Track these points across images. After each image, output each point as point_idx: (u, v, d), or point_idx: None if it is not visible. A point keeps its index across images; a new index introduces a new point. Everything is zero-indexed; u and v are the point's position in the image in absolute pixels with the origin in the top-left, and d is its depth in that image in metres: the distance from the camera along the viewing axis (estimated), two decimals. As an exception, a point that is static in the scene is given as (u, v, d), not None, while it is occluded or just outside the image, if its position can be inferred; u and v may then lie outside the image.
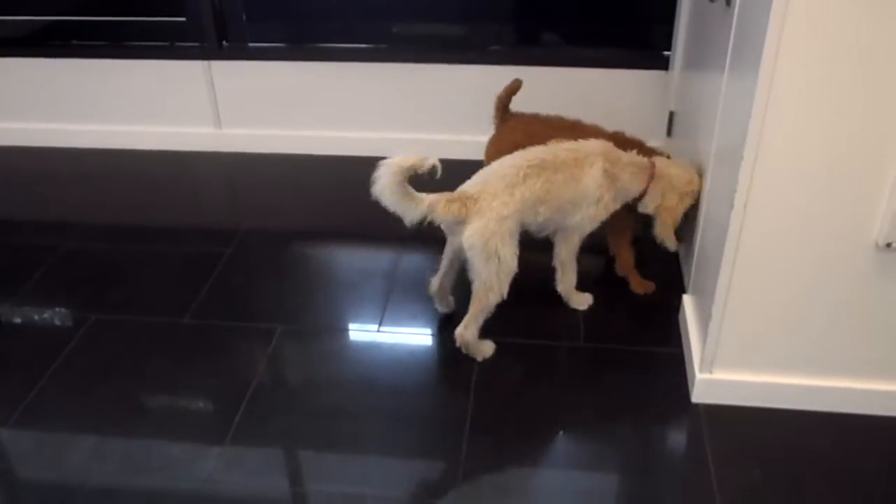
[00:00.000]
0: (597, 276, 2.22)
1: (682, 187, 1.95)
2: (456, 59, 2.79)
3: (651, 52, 2.72)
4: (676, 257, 2.25)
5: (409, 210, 1.74)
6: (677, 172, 1.97)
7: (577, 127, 2.11)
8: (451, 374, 1.93)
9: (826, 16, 1.34)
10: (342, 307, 2.19)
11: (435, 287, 2.03)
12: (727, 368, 1.76)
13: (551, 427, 1.77)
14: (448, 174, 1.72)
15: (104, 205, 2.75)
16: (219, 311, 2.14)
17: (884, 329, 1.65)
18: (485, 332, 1.92)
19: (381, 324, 2.09)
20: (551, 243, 2.04)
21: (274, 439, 1.74)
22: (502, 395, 1.85)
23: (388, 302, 2.17)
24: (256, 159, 3.00)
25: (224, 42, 2.90)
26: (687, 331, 1.91)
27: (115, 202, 2.76)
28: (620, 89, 2.74)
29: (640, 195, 1.97)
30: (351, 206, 2.65)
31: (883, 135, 1.43)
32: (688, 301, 1.98)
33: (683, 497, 1.60)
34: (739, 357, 1.73)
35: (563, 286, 2.08)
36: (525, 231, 1.94)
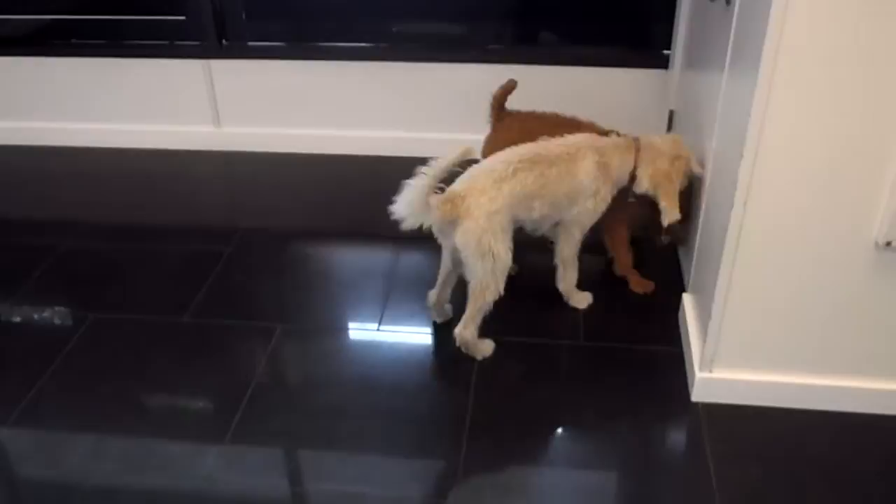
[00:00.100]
0: (597, 276, 2.22)
1: (670, 150, 1.95)
2: (456, 58, 2.79)
3: (651, 51, 2.72)
4: (676, 257, 2.25)
5: (423, 217, 1.74)
6: (660, 140, 1.99)
7: (573, 124, 2.11)
8: (450, 373, 1.93)
9: (826, 15, 1.34)
10: (342, 306, 2.18)
11: (432, 301, 2.02)
12: (727, 367, 1.76)
13: (551, 426, 1.77)
14: (448, 174, 1.74)
15: (103, 204, 2.74)
16: (218, 311, 2.14)
17: (884, 327, 1.65)
18: (484, 331, 1.92)
19: (380, 323, 2.09)
20: (551, 243, 2.04)
21: (273, 438, 1.74)
22: (502, 394, 1.85)
23: (388, 301, 2.17)
24: (256, 158, 3.00)
25: (224, 41, 2.90)
26: (687, 330, 1.91)
27: (114, 201, 2.76)
28: (620, 88, 2.73)
29: (633, 176, 1.97)
30: (351, 205, 2.65)
31: (883, 134, 1.43)
32: (688, 300, 1.98)
33: (683, 496, 1.60)
34: (739, 356, 1.73)
35: (565, 284, 2.07)
36: (525, 231, 1.94)
